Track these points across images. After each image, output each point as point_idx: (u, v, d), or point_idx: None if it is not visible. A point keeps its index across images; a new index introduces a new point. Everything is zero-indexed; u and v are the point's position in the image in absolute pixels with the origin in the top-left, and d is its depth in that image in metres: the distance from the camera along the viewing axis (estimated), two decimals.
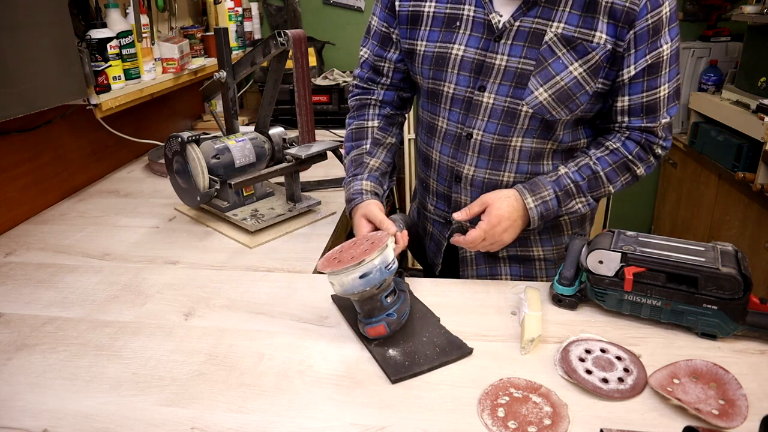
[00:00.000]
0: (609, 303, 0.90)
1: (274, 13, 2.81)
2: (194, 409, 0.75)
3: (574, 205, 1.03)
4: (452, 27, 1.02)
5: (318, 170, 1.61)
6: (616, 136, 1.03)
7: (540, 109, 0.98)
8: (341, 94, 2.37)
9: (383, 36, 1.12)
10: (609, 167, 1.02)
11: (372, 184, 1.10)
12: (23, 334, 0.93)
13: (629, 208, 3.13)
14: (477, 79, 1.01)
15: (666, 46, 0.95)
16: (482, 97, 1.01)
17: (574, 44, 0.94)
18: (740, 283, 0.80)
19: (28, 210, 1.45)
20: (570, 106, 0.98)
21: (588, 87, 0.97)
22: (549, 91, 0.97)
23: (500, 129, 1.02)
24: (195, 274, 1.12)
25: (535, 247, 1.16)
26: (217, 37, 1.36)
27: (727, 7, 2.65)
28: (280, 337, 0.90)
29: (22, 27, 1.21)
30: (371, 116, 1.17)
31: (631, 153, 1.02)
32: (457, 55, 1.01)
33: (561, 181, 1.01)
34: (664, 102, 0.99)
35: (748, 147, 2.08)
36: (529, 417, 0.71)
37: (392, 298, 0.86)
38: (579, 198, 1.03)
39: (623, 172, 1.03)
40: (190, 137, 1.26)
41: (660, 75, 0.96)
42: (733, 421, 0.68)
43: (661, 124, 1.00)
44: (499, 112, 1.01)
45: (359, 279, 0.81)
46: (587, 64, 0.95)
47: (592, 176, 1.02)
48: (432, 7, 1.03)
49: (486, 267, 1.20)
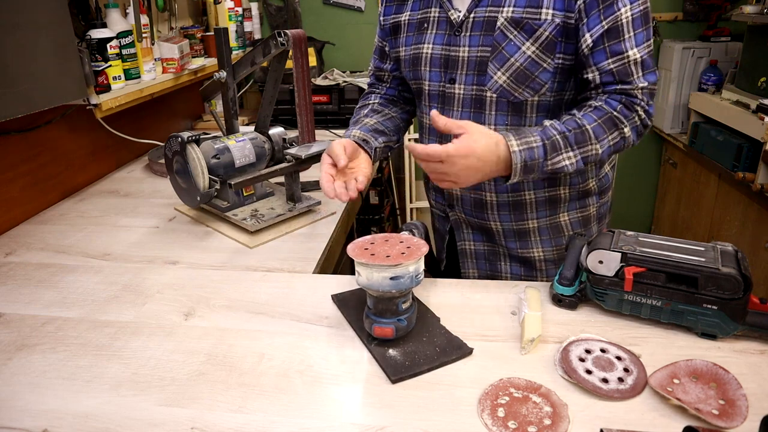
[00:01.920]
0: (609, 303, 0.90)
1: (274, 13, 2.81)
2: (194, 409, 0.75)
3: (560, 161, 0.94)
4: (422, 29, 1.10)
5: (318, 170, 1.60)
6: (597, 97, 1.00)
7: (502, 92, 1.03)
8: (341, 94, 2.37)
9: (381, 50, 1.24)
10: (595, 122, 0.96)
11: (362, 133, 1.14)
12: (23, 334, 0.93)
13: (629, 208, 3.13)
14: (447, 73, 1.08)
15: (624, 9, 0.93)
16: (453, 89, 1.08)
17: (522, 24, 0.97)
18: (740, 283, 0.80)
19: (28, 210, 1.45)
20: (532, 86, 1.01)
21: (545, 64, 0.99)
22: (507, 74, 1.01)
23: (473, 117, 1.07)
24: (195, 274, 1.12)
25: (535, 248, 1.16)
26: (217, 37, 1.36)
27: (727, 7, 2.65)
28: (280, 337, 0.90)
29: (22, 27, 1.21)
30: (374, 98, 1.28)
31: (615, 109, 0.97)
32: (427, 53, 1.09)
33: (547, 131, 0.94)
34: (637, 67, 0.95)
35: (748, 147, 2.08)
36: (529, 417, 0.71)
37: (407, 305, 0.86)
38: (566, 151, 0.94)
39: (610, 128, 0.97)
40: (190, 137, 1.26)
41: (623, 39, 0.94)
42: (733, 421, 0.68)
43: (638, 86, 0.96)
44: (469, 100, 1.07)
45: (389, 280, 0.80)
46: (538, 41, 0.97)
47: (578, 129, 0.95)
48: (407, 16, 1.13)
49: (486, 262, 1.21)
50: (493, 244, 1.21)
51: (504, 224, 1.16)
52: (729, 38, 2.60)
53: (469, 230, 1.22)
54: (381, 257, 0.82)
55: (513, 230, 1.17)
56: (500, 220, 1.16)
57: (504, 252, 1.19)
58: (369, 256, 0.82)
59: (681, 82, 2.66)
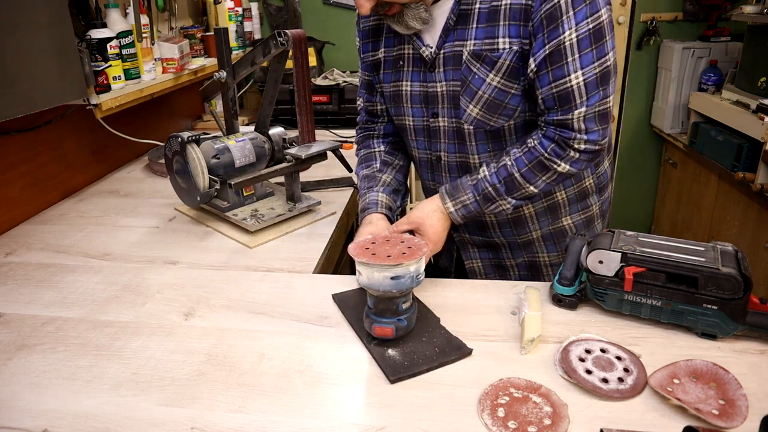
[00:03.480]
0: (609, 303, 0.90)
1: (274, 13, 2.81)
2: (194, 409, 0.75)
3: (496, 207, 1.03)
4: (398, 66, 1.10)
5: (318, 170, 1.61)
6: (536, 132, 1.00)
7: (477, 123, 1.03)
8: (341, 94, 2.37)
9: (368, 83, 1.21)
10: (525, 167, 0.99)
11: (386, 197, 1.14)
12: (23, 334, 0.93)
13: (629, 208, 3.13)
14: (428, 108, 1.08)
15: (569, 32, 0.90)
16: (438, 122, 1.08)
17: (482, 57, 0.97)
18: (740, 283, 0.80)
19: (28, 210, 1.45)
20: (505, 113, 1.01)
21: (513, 90, 0.98)
22: (478, 106, 1.01)
23: (458, 148, 1.09)
24: (195, 274, 1.12)
25: (541, 253, 1.18)
26: (217, 37, 1.36)
27: (727, 7, 2.65)
28: (280, 337, 0.90)
29: (22, 27, 1.21)
30: (376, 144, 1.23)
31: (546, 150, 0.97)
32: (406, 90, 1.09)
33: (479, 186, 1.02)
34: (579, 91, 0.93)
35: (748, 147, 2.08)
36: (529, 417, 0.71)
37: (407, 305, 0.86)
38: (500, 200, 1.02)
39: (541, 171, 0.99)
40: (190, 137, 1.26)
41: (565, 63, 0.92)
42: (733, 421, 0.68)
43: (575, 115, 0.94)
44: (452, 132, 1.08)
45: (390, 279, 0.81)
46: (500, 72, 0.97)
47: (509, 178, 1.00)
48: (383, 53, 1.12)
49: (496, 275, 1.23)
50: (499, 257, 1.23)
51: (508, 239, 1.18)
52: (729, 38, 2.60)
53: (475, 249, 1.23)
54: (381, 256, 0.82)
55: (518, 243, 1.19)
56: (504, 236, 1.18)
57: (511, 263, 1.22)
58: (370, 256, 0.82)
59: (681, 82, 2.66)
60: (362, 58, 1.17)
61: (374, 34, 1.12)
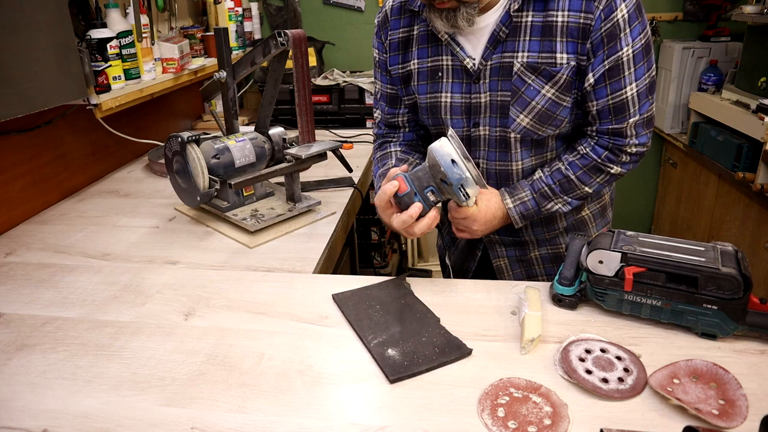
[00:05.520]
0: (609, 303, 0.90)
1: (274, 13, 2.82)
2: (194, 409, 0.75)
3: (552, 206, 1.08)
4: (436, 78, 1.09)
5: (318, 170, 1.61)
6: (587, 140, 1.07)
7: (526, 132, 1.05)
8: (341, 94, 2.37)
9: (391, 97, 1.20)
10: (580, 170, 1.06)
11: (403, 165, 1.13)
12: (23, 334, 0.93)
13: (629, 208, 3.13)
14: (470, 119, 1.09)
15: (626, 48, 0.96)
16: (479, 132, 1.09)
17: (540, 70, 0.99)
18: (740, 283, 0.80)
19: (28, 210, 1.45)
20: (554, 123, 1.04)
21: (565, 103, 1.02)
22: (529, 116, 1.03)
23: (499, 156, 1.10)
24: (195, 274, 1.12)
25: (563, 244, 1.21)
26: (217, 37, 1.36)
27: (727, 7, 2.65)
28: (280, 337, 0.90)
29: (22, 27, 1.21)
30: (393, 146, 1.23)
31: (600, 157, 1.04)
32: (446, 102, 1.09)
33: (535, 185, 1.07)
34: (633, 101, 1.00)
35: (748, 147, 2.08)
36: (529, 417, 0.71)
37: (434, 199, 0.95)
38: (556, 199, 1.08)
39: (596, 173, 1.06)
40: (190, 137, 1.26)
41: (623, 77, 0.98)
42: (733, 421, 0.68)
43: (629, 123, 1.01)
44: (494, 141, 1.09)
45: (450, 163, 0.89)
46: (557, 85, 1.00)
47: (564, 180, 1.06)
48: (416, 65, 1.11)
49: (522, 271, 1.25)
50: (525, 252, 1.23)
51: (538, 236, 1.20)
52: (729, 38, 2.60)
53: (502, 248, 1.23)
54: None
55: (545, 239, 1.21)
56: (534, 234, 1.19)
57: (536, 255, 1.23)
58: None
59: (681, 82, 2.66)
60: (389, 71, 1.15)
61: (404, 46, 1.12)
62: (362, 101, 2.36)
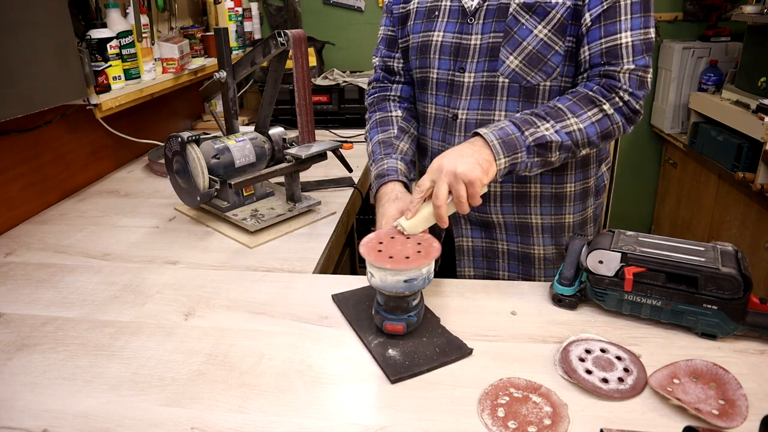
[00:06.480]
0: (609, 303, 0.90)
1: (274, 13, 2.82)
2: (194, 409, 0.75)
3: (538, 131, 0.93)
4: (432, 17, 1.10)
5: (318, 170, 1.61)
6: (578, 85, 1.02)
7: (515, 76, 1.03)
8: (341, 94, 2.37)
9: (390, 39, 1.21)
10: (569, 101, 0.97)
11: (404, 166, 1.12)
12: (23, 334, 0.93)
13: (629, 208, 3.13)
14: (456, 62, 1.08)
15: None
16: (463, 78, 1.08)
17: (535, 8, 0.99)
18: (740, 283, 0.80)
19: (28, 210, 1.45)
20: (544, 69, 1.02)
21: (557, 47, 1.01)
22: (519, 57, 1.02)
23: (482, 104, 1.07)
24: (195, 274, 1.12)
25: (536, 245, 1.16)
26: (217, 37, 1.36)
27: (727, 7, 2.65)
28: (280, 337, 0.90)
29: (22, 27, 1.21)
30: (393, 108, 1.22)
31: (590, 89, 0.98)
32: (437, 41, 1.09)
33: (514, 116, 0.97)
34: (627, 50, 0.96)
35: (748, 147, 2.08)
36: (529, 417, 0.71)
37: (417, 302, 0.87)
38: (541, 123, 0.94)
39: (586, 104, 0.97)
40: (190, 137, 1.26)
41: (618, 20, 0.96)
42: (733, 421, 0.68)
43: (622, 69, 0.97)
44: (479, 88, 1.07)
45: (403, 282, 0.81)
46: (550, 24, 0.99)
47: (551, 109, 0.97)
48: (416, 4, 1.14)
49: (483, 260, 1.21)
50: (492, 240, 1.19)
51: (506, 217, 1.15)
52: (729, 38, 2.60)
53: (468, 226, 1.19)
54: (398, 258, 0.82)
55: (515, 224, 1.15)
56: (502, 213, 1.14)
57: (503, 249, 1.18)
58: (381, 257, 0.82)
59: (681, 82, 2.66)
60: (393, 11, 1.18)
61: None
62: (362, 101, 2.35)
